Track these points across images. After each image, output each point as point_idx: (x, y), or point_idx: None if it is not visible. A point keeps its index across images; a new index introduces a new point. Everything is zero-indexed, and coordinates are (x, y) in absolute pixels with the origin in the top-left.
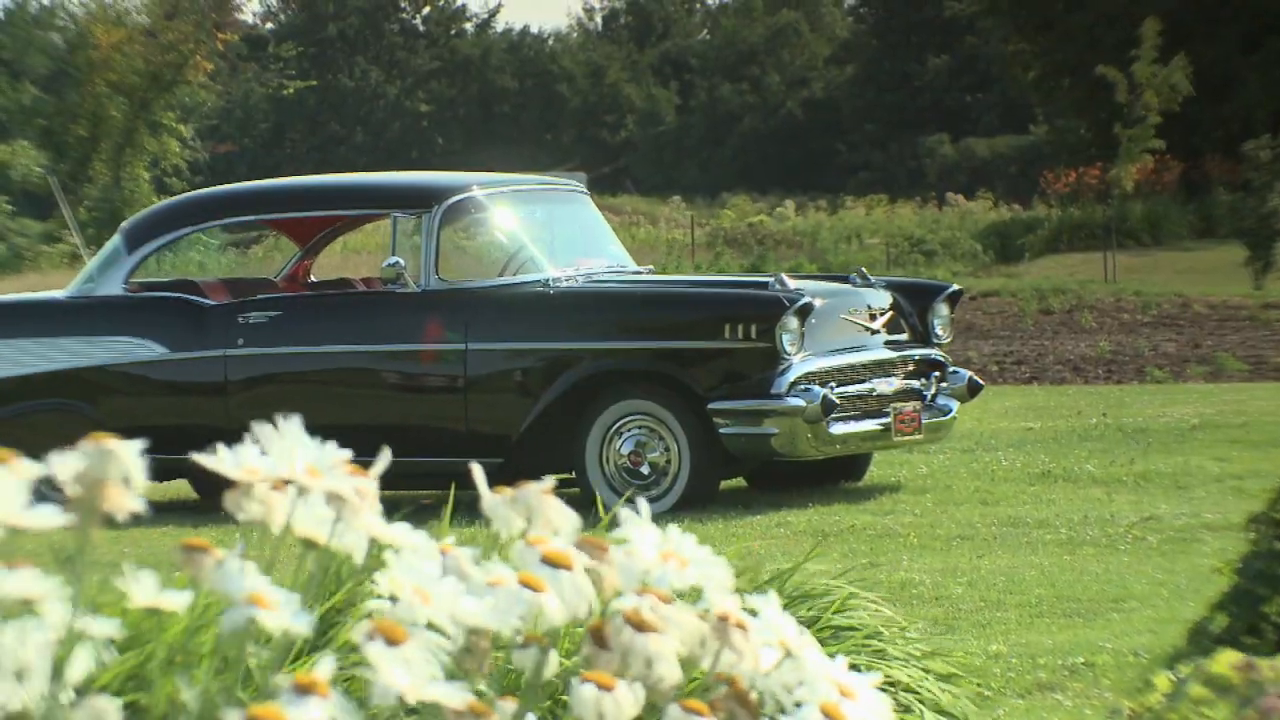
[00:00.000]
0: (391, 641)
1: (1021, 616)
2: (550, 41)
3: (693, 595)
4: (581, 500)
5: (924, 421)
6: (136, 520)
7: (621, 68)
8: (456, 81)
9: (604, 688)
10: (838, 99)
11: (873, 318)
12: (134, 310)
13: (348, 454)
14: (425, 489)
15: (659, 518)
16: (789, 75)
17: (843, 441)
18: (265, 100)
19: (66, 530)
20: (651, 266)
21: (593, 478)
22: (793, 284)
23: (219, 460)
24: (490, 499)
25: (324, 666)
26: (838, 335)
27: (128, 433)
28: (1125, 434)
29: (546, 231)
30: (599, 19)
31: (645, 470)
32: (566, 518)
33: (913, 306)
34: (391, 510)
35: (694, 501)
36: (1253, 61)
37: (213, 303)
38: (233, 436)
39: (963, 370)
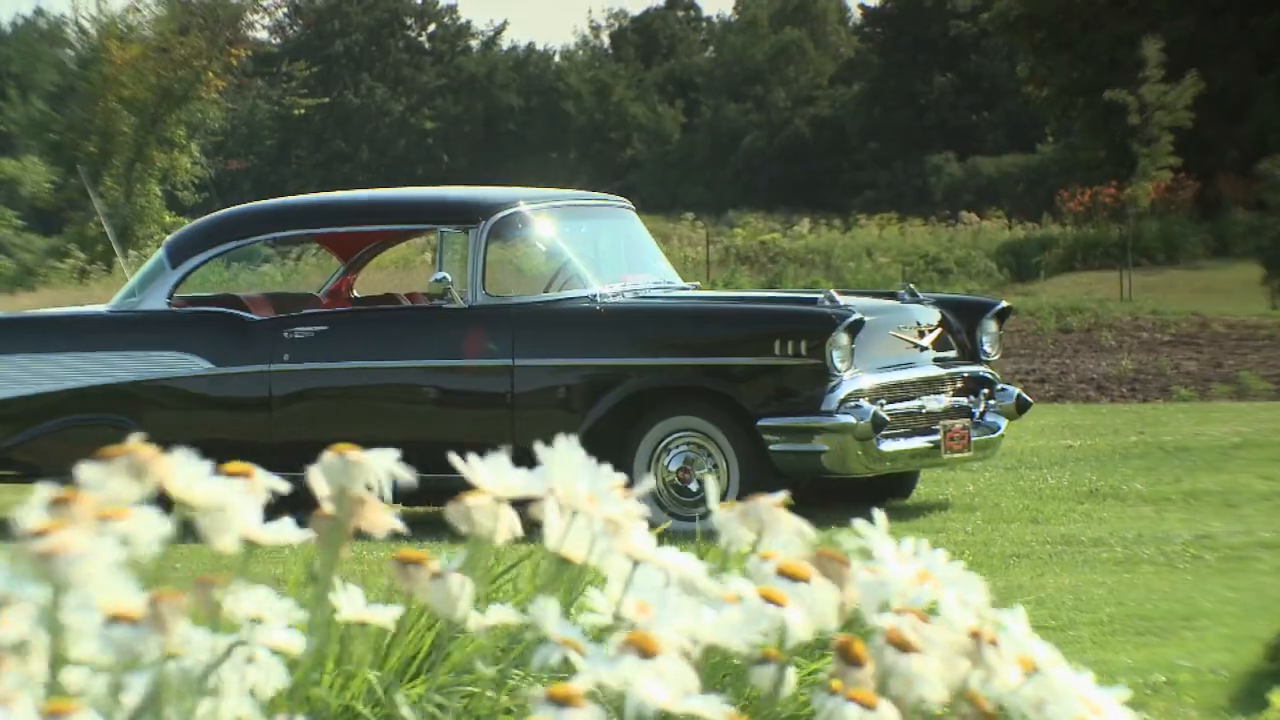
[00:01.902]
0: (645, 654)
1: (1095, 635)
2: (556, 59)
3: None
4: None
5: (973, 439)
6: (184, 535)
7: (627, 86)
8: (462, 99)
9: (866, 706)
10: (843, 117)
11: (921, 334)
12: (178, 325)
13: (620, 478)
14: None
15: (708, 536)
16: (794, 94)
17: (892, 459)
18: (270, 117)
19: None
20: (697, 283)
21: (641, 495)
22: (842, 300)
23: (473, 470)
24: (720, 513)
25: (583, 678)
26: (887, 352)
27: (172, 449)
28: (1167, 452)
29: (592, 247)
30: (605, 37)
31: (694, 487)
32: (800, 531)
33: (961, 323)
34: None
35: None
36: (1268, 82)
37: (258, 318)
38: (277, 452)
39: (1011, 387)
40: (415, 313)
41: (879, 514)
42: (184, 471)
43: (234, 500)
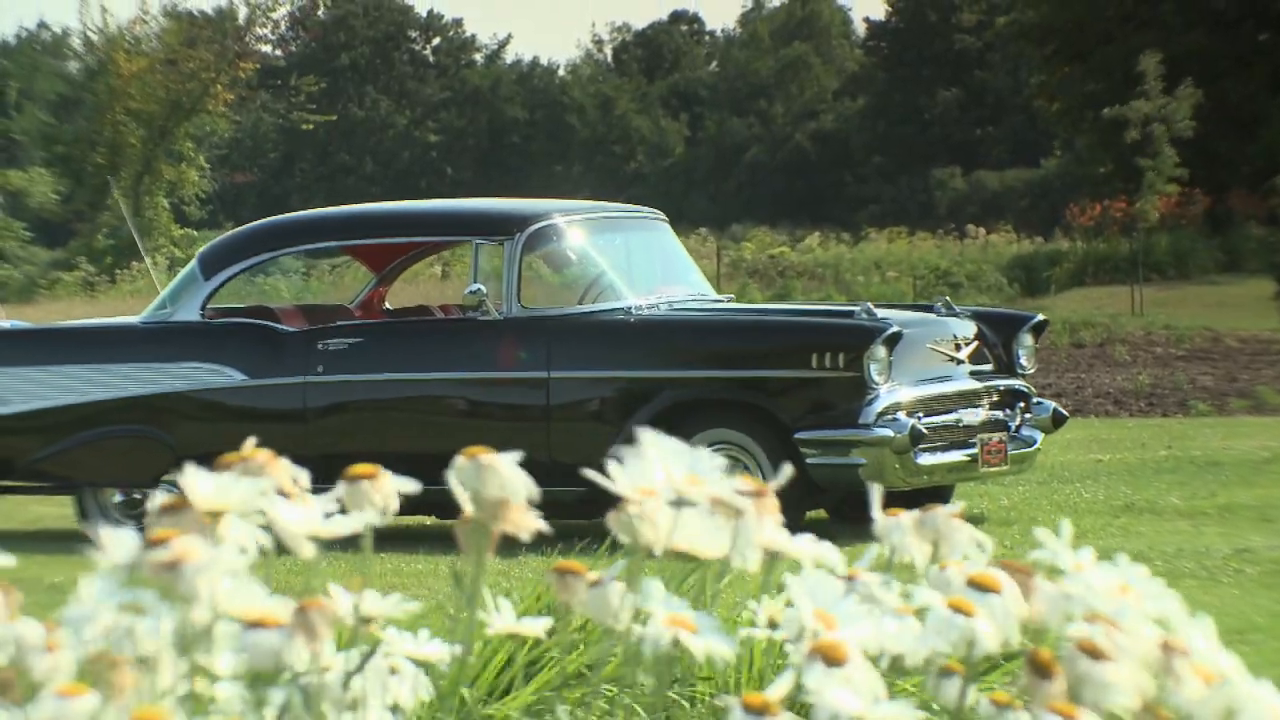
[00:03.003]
0: (832, 662)
1: None
2: (560, 72)
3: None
4: None
5: (1010, 453)
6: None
7: (631, 99)
8: (466, 112)
9: (1066, 718)
10: (847, 131)
11: (958, 347)
12: (212, 336)
13: (721, 463)
14: None
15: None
16: (798, 108)
17: (930, 472)
18: (274, 130)
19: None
20: (732, 295)
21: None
22: (879, 313)
23: (611, 478)
24: (885, 522)
25: (779, 686)
26: (924, 365)
27: (204, 460)
28: (1198, 466)
29: (626, 259)
30: (608, 51)
31: None
32: (978, 542)
33: (997, 336)
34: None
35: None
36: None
37: (292, 329)
38: (311, 464)
39: (1047, 401)
40: (451, 325)
41: (1065, 524)
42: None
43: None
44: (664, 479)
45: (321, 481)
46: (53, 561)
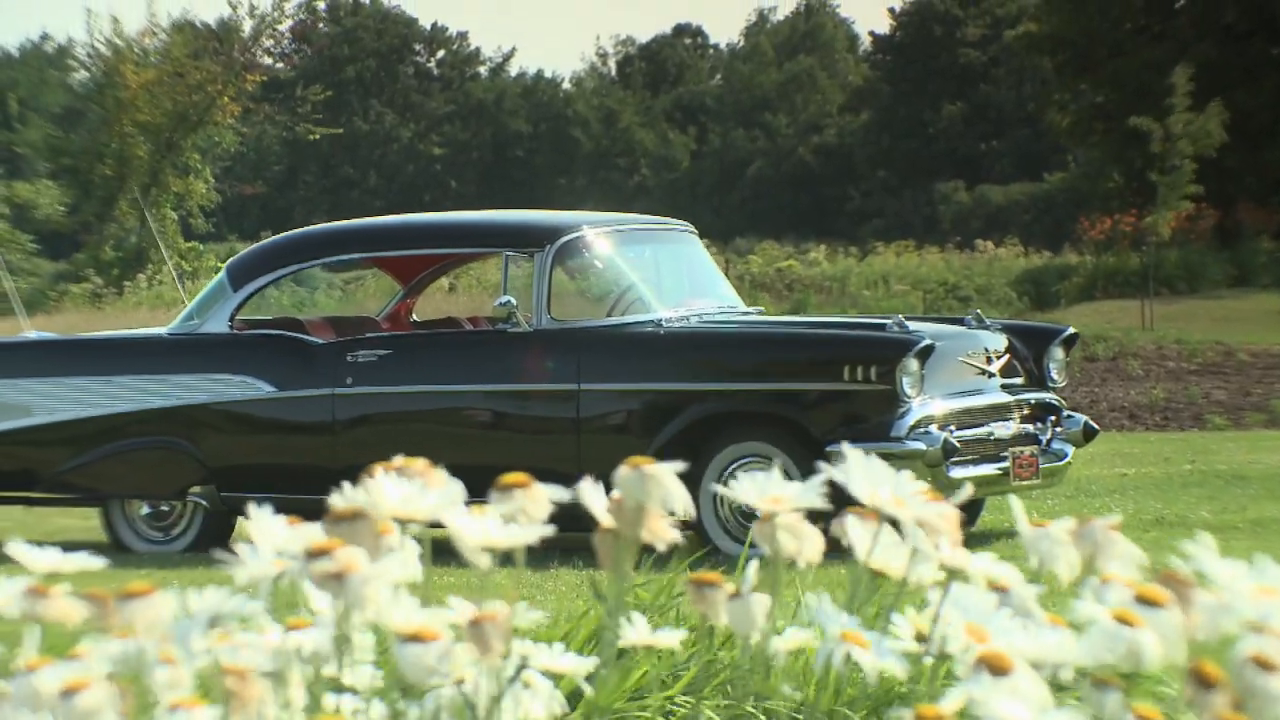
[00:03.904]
0: (998, 672)
1: None
2: (564, 86)
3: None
4: (695, 543)
5: (1041, 466)
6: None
7: (635, 113)
8: (470, 125)
9: None
10: (851, 145)
11: (989, 360)
12: (240, 348)
13: (921, 485)
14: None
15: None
16: (802, 121)
17: (961, 486)
18: (278, 142)
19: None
20: (761, 308)
21: (707, 521)
22: (912, 326)
23: (742, 490)
24: (1033, 533)
25: (952, 699)
26: (955, 378)
27: (231, 472)
28: (1224, 480)
29: (655, 271)
30: (612, 64)
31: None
32: (1133, 555)
33: (1028, 349)
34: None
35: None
36: None
37: (320, 341)
38: (340, 476)
39: (1078, 415)
40: (481, 337)
41: (1205, 535)
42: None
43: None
44: (876, 496)
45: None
46: (80, 575)
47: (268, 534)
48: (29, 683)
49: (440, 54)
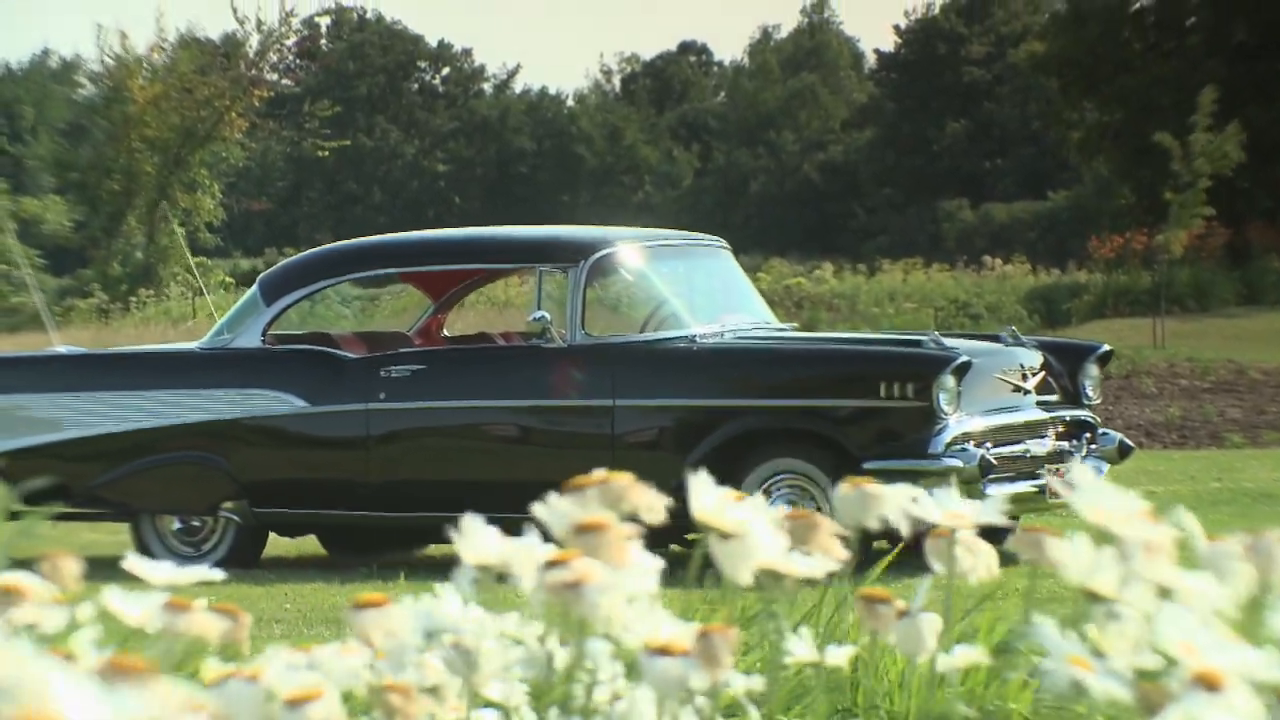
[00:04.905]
0: (1212, 688)
1: None
2: (568, 102)
3: None
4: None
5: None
6: (283, 575)
7: (639, 129)
8: (474, 142)
9: None
10: (856, 163)
11: (1024, 377)
12: (273, 363)
13: (1144, 504)
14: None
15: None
16: (807, 138)
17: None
18: (281, 158)
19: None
20: (795, 324)
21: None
22: (948, 342)
23: (924, 506)
24: (1210, 549)
25: (1170, 715)
26: (991, 395)
27: (263, 487)
28: (1253, 499)
29: (689, 287)
30: (617, 81)
31: None
32: None
33: (1063, 366)
34: None
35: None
36: None
37: (353, 356)
38: (374, 491)
39: (1113, 432)
40: (515, 352)
41: None
42: (707, 494)
43: (755, 528)
44: (1103, 515)
45: (383, 509)
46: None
47: (476, 545)
48: (249, 692)
49: (445, 70)
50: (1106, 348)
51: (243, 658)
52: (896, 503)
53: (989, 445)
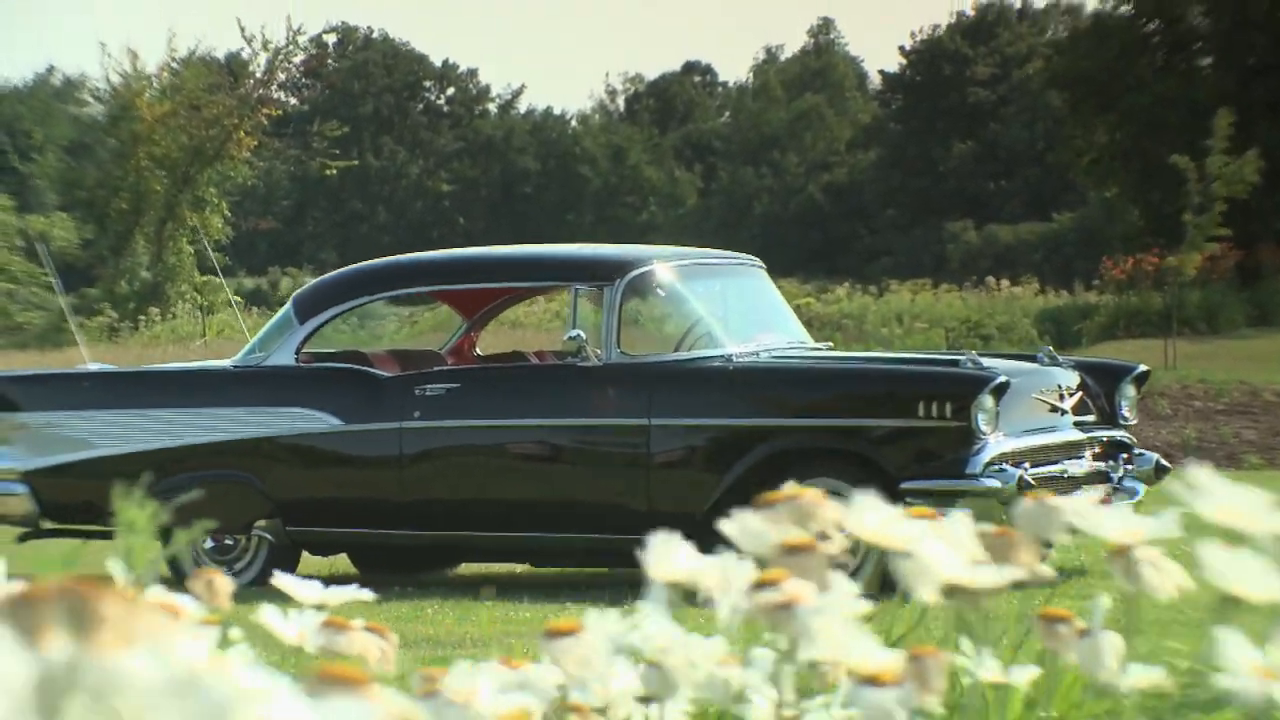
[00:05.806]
0: None
1: None
2: (573, 123)
3: None
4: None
5: (1113, 504)
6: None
7: (643, 150)
8: (479, 162)
9: None
10: (860, 183)
11: (1062, 397)
12: (306, 381)
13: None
14: (603, 567)
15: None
16: (811, 159)
17: None
18: (286, 177)
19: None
20: (830, 343)
21: None
22: (986, 362)
23: (1098, 520)
24: None
25: None
26: (1029, 415)
27: (296, 506)
28: None
29: (724, 306)
30: (621, 101)
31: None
32: None
33: (1100, 387)
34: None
35: (884, 584)
36: None
37: (387, 374)
38: (408, 510)
39: (1149, 453)
40: (550, 370)
41: None
42: (876, 514)
43: (928, 544)
44: (1239, 516)
45: (418, 528)
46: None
47: (668, 562)
48: (459, 708)
49: (450, 90)
50: (1143, 368)
51: (388, 678)
52: (1080, 515)
53: (1026, 465)
